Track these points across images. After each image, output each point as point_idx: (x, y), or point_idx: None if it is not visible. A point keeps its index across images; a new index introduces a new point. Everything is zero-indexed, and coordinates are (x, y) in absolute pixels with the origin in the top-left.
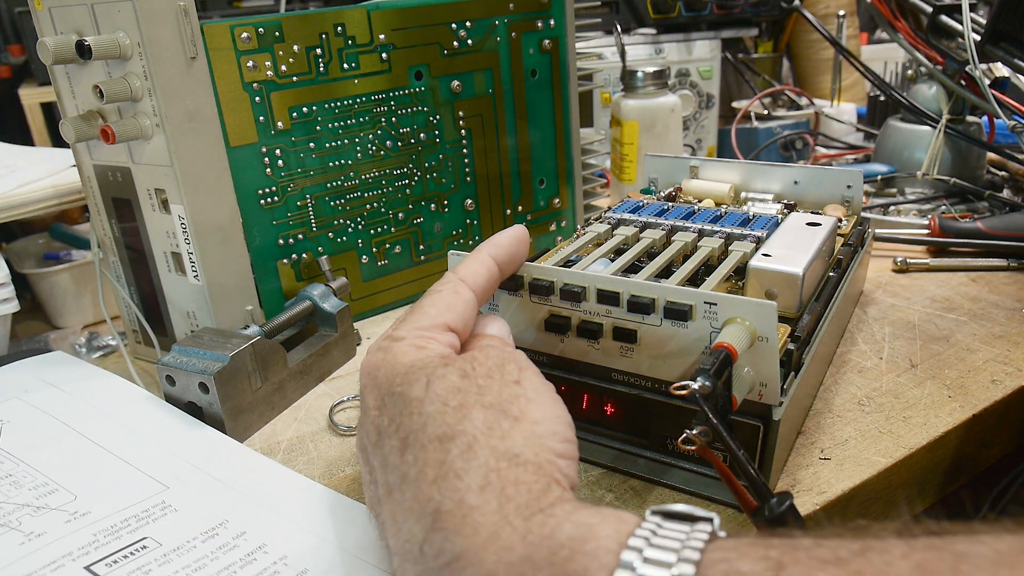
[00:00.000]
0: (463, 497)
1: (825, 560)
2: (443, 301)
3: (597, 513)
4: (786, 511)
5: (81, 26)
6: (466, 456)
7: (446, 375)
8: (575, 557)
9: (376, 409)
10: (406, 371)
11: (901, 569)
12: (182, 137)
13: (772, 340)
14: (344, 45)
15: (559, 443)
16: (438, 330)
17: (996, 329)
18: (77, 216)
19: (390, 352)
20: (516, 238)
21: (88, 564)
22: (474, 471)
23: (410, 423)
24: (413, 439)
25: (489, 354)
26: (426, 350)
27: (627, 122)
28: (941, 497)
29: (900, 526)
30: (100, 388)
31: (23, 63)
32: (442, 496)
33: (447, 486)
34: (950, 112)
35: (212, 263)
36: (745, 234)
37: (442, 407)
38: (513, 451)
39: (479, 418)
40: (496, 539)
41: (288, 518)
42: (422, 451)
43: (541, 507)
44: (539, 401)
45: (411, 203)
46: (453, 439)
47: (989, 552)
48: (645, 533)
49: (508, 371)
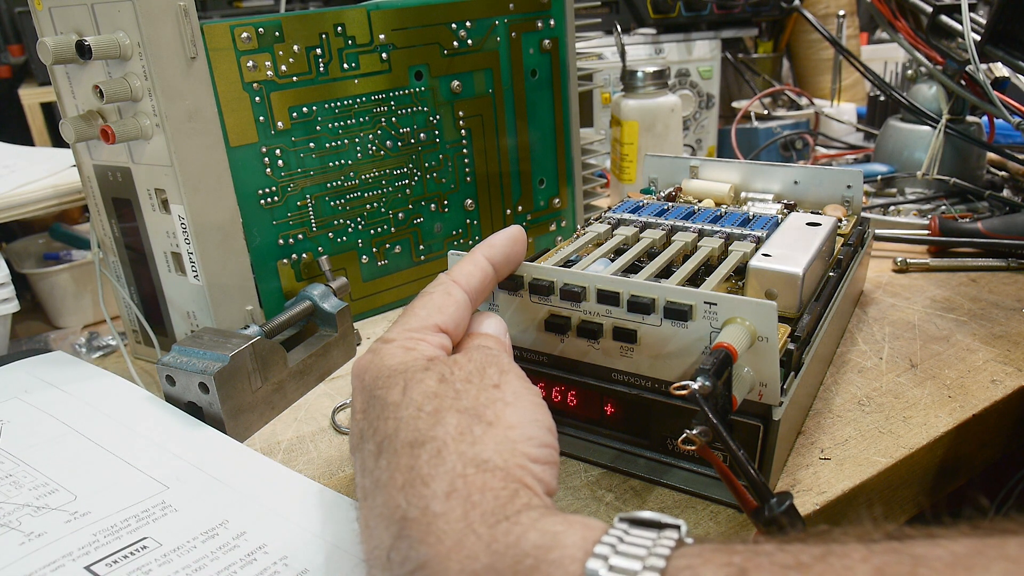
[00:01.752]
0: (428, 504)
1: (787, 565)
2: (433, 303)
3: (563, 521)
4: (786, 511)
5: (81, 26)
6: (434, 462)
7: (424, 379)
8: (539, 566)
9: (360, 412)
10: (389, 374)
11: (860, 572)
12: (182, 137)
13: (772, 340)
14: (344, 45)
15: (534, 448)
16: (428, 331)
17: (996, 329)
18: (77, 216)
19: (378, 354)
20: (511, 238)
21: (88, 564)
22: (441, 477)
23: (385, 428)
24: (387, 444)
25: (472, 357)
26: (414, 352)
27: (627, 122)
28: (940, 497)
29: (861, 531)
30: (100, 388)
31: (23, 63)
32: (408, 503)
33: (414, 493)
34: (950, 112)
35: (212, 263)
36: (745, 234)
37: (416, 412)
38: (482, 457)
39: (452, 423)
40: (460, 547)
41: (288, 518)
42: (394, 456)
43: (507, 514)
44: (517, 405)
45: (411, 203)
46: (424, 445)
47: (946, 554)
48: (611, 540)
49: (488, 375)
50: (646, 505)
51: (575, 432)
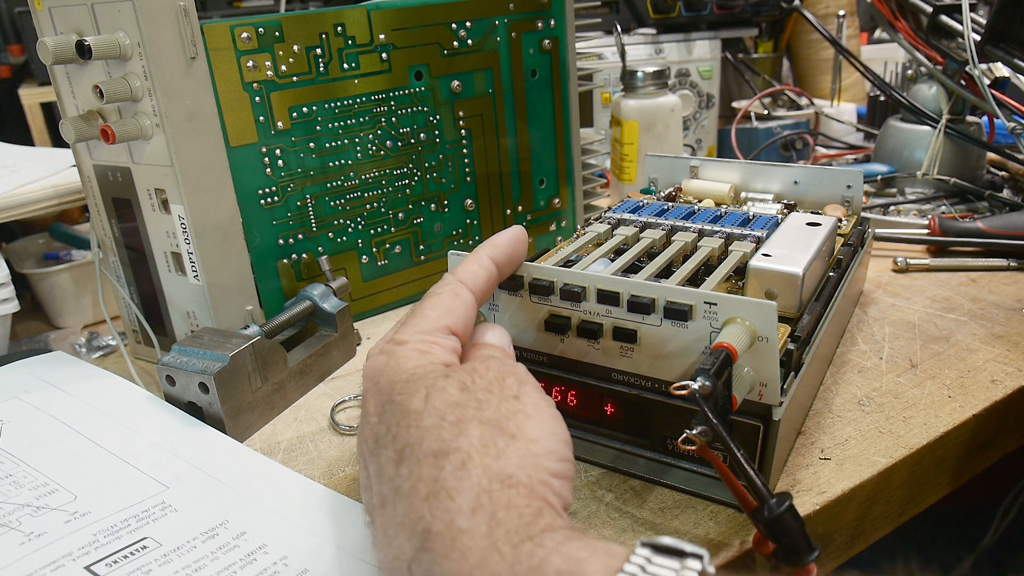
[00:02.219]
0: (453, 519)
1: None
2: (443, 304)
3: (587, 546)
4: (785, 511)
5: (81, 26)
6: (459, 474)
7: (446, 387)
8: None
9: (375, 415)
10: (407, 378)
11: None
12: (182, 137)
13: (772, 340)
14: (344, 45)
15: (555, 462)
16: (440, 333)
17: (996, 329)
18: (77, 216)
19: (393, 356)
20: (514, 238)
21: (88, 564)
22: (466, 491)
23: (407, 435)
24: (409, 452)
25: (490, 366)
26: (429, 355)
27: (627, 122)
28: (940, 497)
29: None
30: (100, 388)
31: (23, 63)
32: (432, 516)
33: (438, 505)
34: (950, 112)
35: (212, 263)
36: (745, 234)
37: (439, 421)
38: (507, 471)
39: (475, 434)
40: (484, 566)
41: (288, 518)
42: (417, 465)
43: (531, 534)
44: (537, 417)
45: (411, 203)
46: (448, 455)
47: None
48: (633, 569)
49: (508, 385)
50: (646, 505)
51: (575, 432)
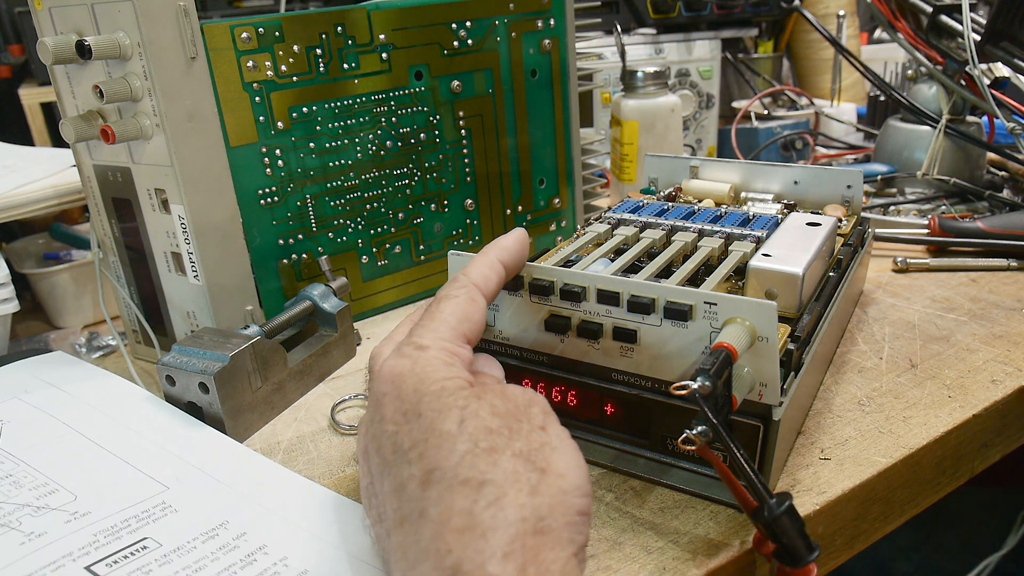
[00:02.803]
0: (485, 562)
1: None
2: (461, 309)
3: None
4: (785, 511)
5: (81, 26)
6: (493, 511)
7: (479, 412)
8: None
9: (394, 423)
10: (437, 392)
11: None
12: (182, 137)
13: (772, 340)
14: (344, 45)
15: (580, 498)
16: (459, 343)
17: (996, 329)
18: (77, 216)
19: (417, 363)
20: (520, 240)
21: (88, 564)
22: (500, 532)
23: (436, 457)
24: (440, 476)
25: (516, 393)
26: (454, 368)
27: (627, 122)
28: (940, 497)
29: None
30: (100, 388)
31: (23, 63)
32: (464, 553)
33: (472, 544)
34: (950, 112)
35: (212, 263)
36: (745, 234)
37: (473, 447)
38: (539, 513)
39: (508, 467)
40: None
41: (288, 519)
42: (448, 492)
43: None
44: (563, 450)
45: (411, 203)
46: (482, 487)
47: None
48: None
49: (534, 415)
50: (646, 505)
51: (575, 432)
